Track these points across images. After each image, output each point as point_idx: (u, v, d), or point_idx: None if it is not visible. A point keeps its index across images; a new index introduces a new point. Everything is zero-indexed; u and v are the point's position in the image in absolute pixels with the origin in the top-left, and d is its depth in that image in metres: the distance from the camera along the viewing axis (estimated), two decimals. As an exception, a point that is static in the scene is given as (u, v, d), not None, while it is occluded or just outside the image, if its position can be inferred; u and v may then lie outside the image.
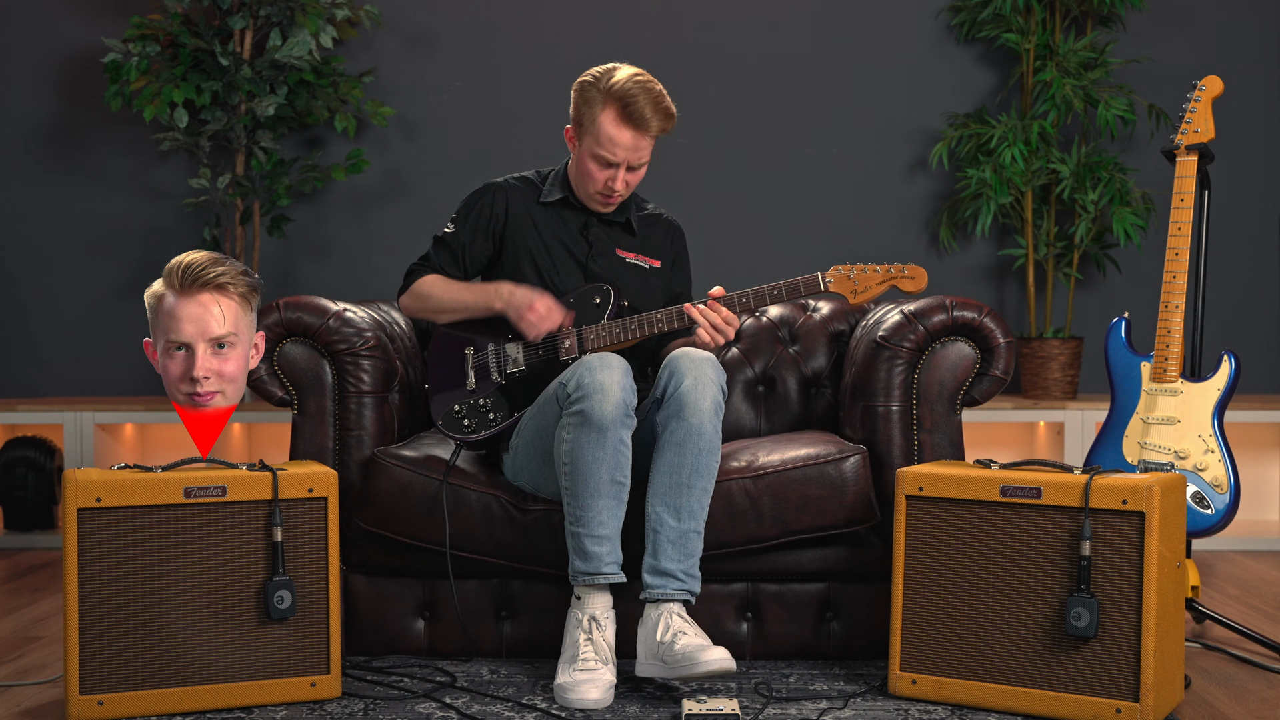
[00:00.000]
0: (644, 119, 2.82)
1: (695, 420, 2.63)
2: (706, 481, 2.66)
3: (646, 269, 3.02)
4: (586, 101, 2.86)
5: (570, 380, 2.63)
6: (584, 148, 2.89)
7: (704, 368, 2.66)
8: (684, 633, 2.57)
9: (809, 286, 2.83)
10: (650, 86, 2.84)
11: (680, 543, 2.64)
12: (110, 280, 4.71)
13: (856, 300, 2.84)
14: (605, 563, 2.63)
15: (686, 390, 2.63)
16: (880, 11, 4.63)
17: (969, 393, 2.91)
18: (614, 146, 2.84)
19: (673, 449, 2.64)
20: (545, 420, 2.73)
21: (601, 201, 2.94)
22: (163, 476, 2.50)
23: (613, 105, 2.82)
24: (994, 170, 4.31)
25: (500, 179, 3.03)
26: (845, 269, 2.85)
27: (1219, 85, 3.16)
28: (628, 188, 2.91)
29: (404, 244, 4.42)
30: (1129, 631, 2.41)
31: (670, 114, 2.85)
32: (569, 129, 2.93)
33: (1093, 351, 4.54)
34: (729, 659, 2.50)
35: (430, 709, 2.53)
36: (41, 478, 4.35)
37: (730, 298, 2.84)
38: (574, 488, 2.62)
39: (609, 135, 2.83)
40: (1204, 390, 3.11)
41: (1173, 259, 3.15)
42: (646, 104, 2.82)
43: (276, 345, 2.92)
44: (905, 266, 2.84)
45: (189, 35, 4.32)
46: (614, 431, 2.60)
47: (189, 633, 2.51)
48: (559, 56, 4.61)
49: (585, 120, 2.87)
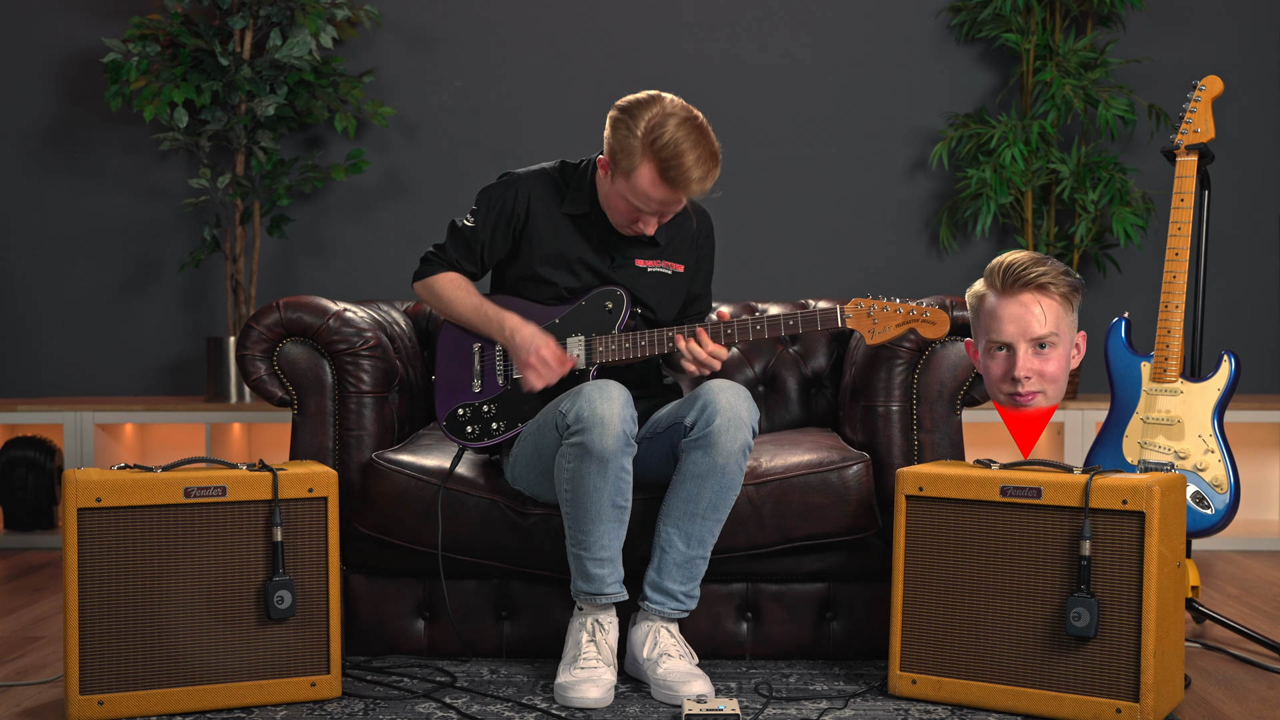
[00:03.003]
0: (685, 182, 2.63)
1: (721, 460, 2.59)
2: (722, 514, 2.64)
3: (669, 275, 2.89)
4: (625, 150, 2.65)
5: (570, 411, 2.57)
6: (616, 186, 2.71)
7: (738, 408, 2.59)
8: (669, 654, 2.59)
9: (826, 320, 2.74)
10: (699, 142, 2.63)
11: (686, 567, 2.65)
12: (110, 280, 4.71)
13: (874, 341, 2.75)
14: (608, 584, 2.62)
15: (717, 430, 2.58)
16: (880, 12, 4.63)
17: (969, 393, 2.91)
18: (649, 201, 2.68)
19: (694, 481, 2.61)
20: (545, 442, 2.68)
21: (629, 233, 2.81)
22: (163, 476, 2.50)
23: (653, 162, 2.63)
24: (994, 170, 4.31)
25: (522, 171, 2.87)
26: (866, 304, 2.75)
27: (1219, 85, 3.16)
28: (655, 228, 2.78)
29: (404, 244, 4.43)
30: (1129, 631, 2.41)
31: (713, 171, 2.65)
32: (603, 159, 2.74)
33: (1093, 351, 4.53)
34: (707, 691, 2.53)
35: (430, 709, 2.53)
36: (41, 478, 4.34)
37: (738, 323, 2.73)
38: (575, 513, 2.61)
39: (644, 191, 2.66)
40: (1204, 390, 3.11)
41: (1173, 259, 3.15)
42: (693, 166, 2.61)
43: (276, 345, 2.92)
44: (928, 310, 2.75)
45: (189, 35, 4.32)
46: (615, 462, 2.56)
47: (189, 633, 2.51)
48: (560, 56, 4.61)
49: (621, 163, 2.67)
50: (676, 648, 2.62)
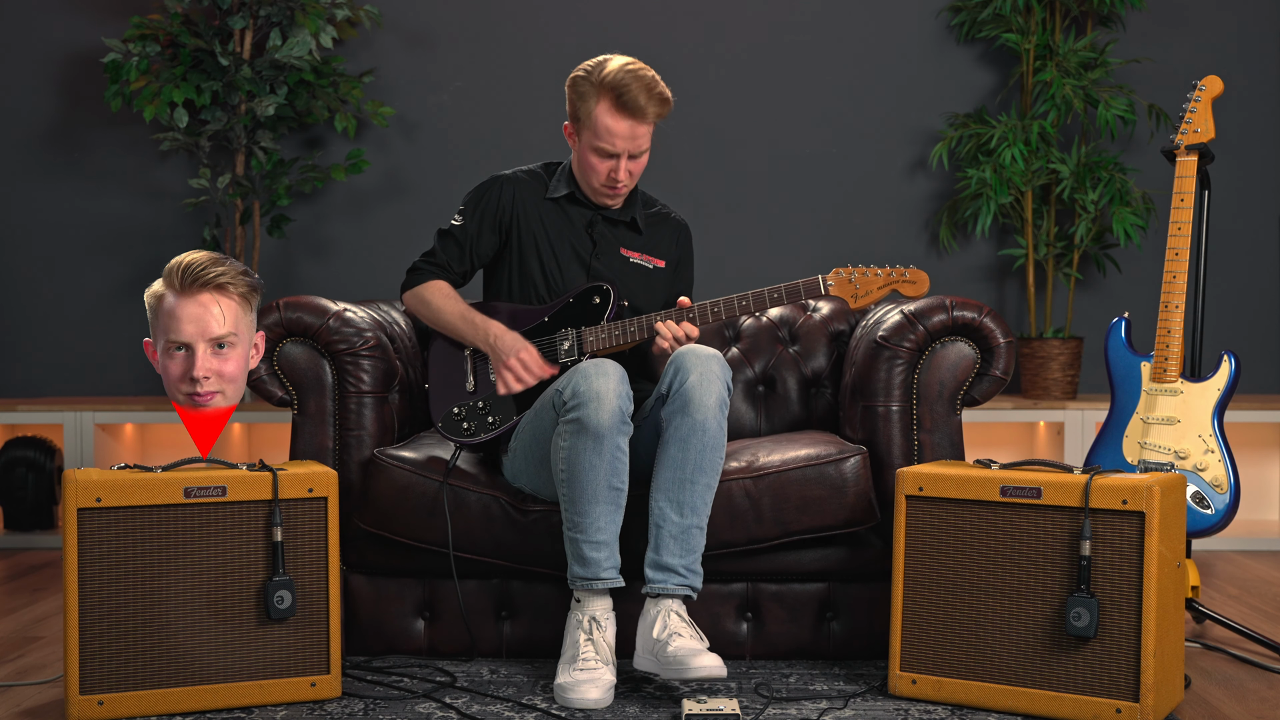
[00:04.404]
0: (639, 107, 2.82)
1: (700, 416, 2.62)
2: (710, 478, 2.65)
3: (650, 269, 3.01)
4: (580, 96, 2.86)
5: (566, 388, 2.62)
6: (583, 142, 2.89)
7: (710, 364, 2.65)
8: (679, 634, 2.57)
9: (809, 289, 2.83)
10: (642, 74, 2.84)
11: (682, 538, 2.64)
12: (110, 280, 4.71)
13: (857, 304, 2.85)
14: (604, 568, 2.62)
15: (691, 386, 2.63)
16: (880, 11, 4.63)
17: (969, 393, 2.91)
18: (612, 137, 2.84)
19: (677, 444, 2.64)
20: (542, 426, 2.72)
21: (608, 194, 2.93)
22: (163, 476, 2.50)
23: (607, 97, 2.82)
24: (994, 170, 4.31)
25: (508, 171, 3.03)
26: (847, 272, 2.84)
27: (1219, 85, 3.16)
28: (631, 177, 2.91)
29: (404, 244, 4.42)
30: (1129, 631, 2.41)
31: (666, 99, 2.85)
32: (567, 125, 2.93)
33: (1093, 351, 4.54)
34: (719, 666, 2.50)
35: (430, 709, 2.53)
36: (41, 478, 4.35)
37: (724, 300, 2.82)
38: (571, 494, 2.62)
39: (606, 126, 2.83)
40: (1204, 390, 3.11)
41: (1173, 259, 3.15)
42: (640, 91, 2.81)
43: (276, 345, 2.92)
44: (907, 270, 2.84)
45: (189, 35, 4.32)
46: (611, 439, 2.59)
47: (189, 633, 2.51)
48: (559, 56, 4.60)
49: (581, 114, 2.87)
50: (687, 629, 2.60)
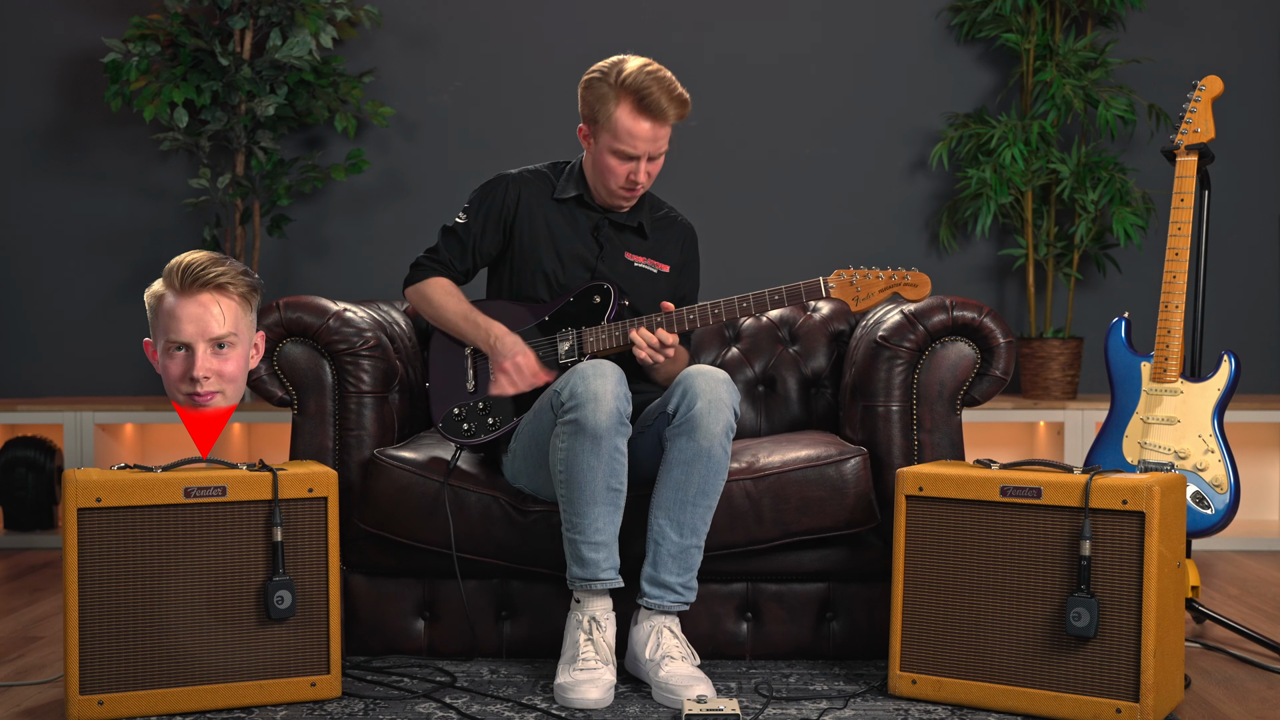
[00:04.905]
0: (661, 109, 2.78)
1: (705, 443, 2.61)
2: (711, 499, 2.65)
3: (654, 273, 2.99)
4: (599, 98, 2.82)
5: (564, 389, 2.61)
6: (601, 144, 2.85)
7: (719, 390, 2.63)
8: (671, 656, 2.59)
9: (811, 291, 2.81)
10: (661, 75, 2.80)
11: (681, 557, 2.65)
12: (110, 280, 4.71)
13: (859, 307, 2.83)
14: (603, 569, 2.62)
15: (699, 413, 2.60)
16: (880, 12, 4.63)
17: (969, 393, 2.91)
18: (634, 140, 2.80)
19: (680, 467, 2.63)
20: (541, 427, 2.71)
21: (625, 196, 2.90)
22: (163, 476, 2.50)
23: (628, 99, 2.79)
24: (994, 170, 4.31)
25: (514, 170, 3.00)
26: (848, 274, 2.82)
27: (1219, 85, 3.16)
28: (650, 178, 2.88)
29: (404, 244, 4.42)
30: (1129, 631, 2.41)
31: (685, 100, 2.82)
32: (582, 127, 2.89)
33: (1093, 351, 4.54)
34: (708, 691, 2.53)
35: (430, 709, 2.53)
36: (41, 478, 4.35)
37: (725, 301, 2.80)
38: (570, 495, 2.62)
39: (628, 129, 2.79)
40: (1204, 390, 3.11)
41: (1173, 259, 3.15)
42: (661, 94, 2.78)
43: (276, 345, 2.92)
44: (909, 273, 2.82)
45: (189, 35, 4.32)
46: (609, 440, 2.58)
47: (189, 633, 2.51)
48: (559, 56, 4.61)
49: (600, 116, 2.83)
50: (679, 649, 2.62)
